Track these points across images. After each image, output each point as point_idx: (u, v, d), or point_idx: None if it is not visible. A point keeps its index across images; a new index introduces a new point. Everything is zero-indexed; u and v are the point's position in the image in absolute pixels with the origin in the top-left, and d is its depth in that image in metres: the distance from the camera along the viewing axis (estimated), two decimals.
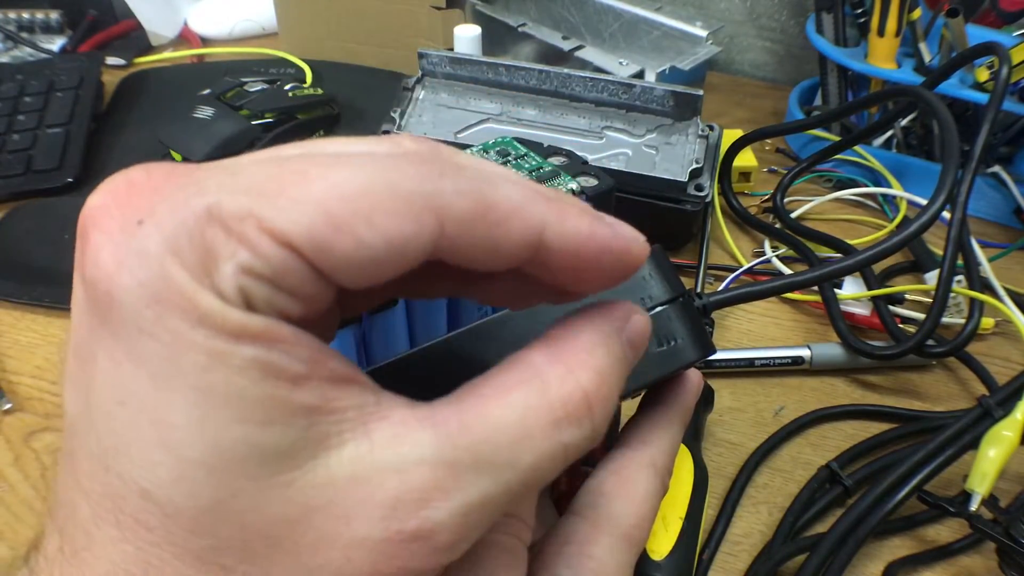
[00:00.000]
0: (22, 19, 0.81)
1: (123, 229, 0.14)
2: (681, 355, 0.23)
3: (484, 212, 0.15)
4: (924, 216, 0.32)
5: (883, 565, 0.35)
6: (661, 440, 0.24)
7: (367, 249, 0.14)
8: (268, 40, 0.82)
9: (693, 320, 0.24)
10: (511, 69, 0.55)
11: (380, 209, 0.14)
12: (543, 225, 0.16)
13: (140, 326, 0.13)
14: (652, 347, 0.23)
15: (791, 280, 0.28)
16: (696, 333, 0.24)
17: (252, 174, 0.14)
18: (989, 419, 0.36)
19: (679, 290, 0.24)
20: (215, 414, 0.13)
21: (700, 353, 0.23)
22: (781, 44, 0.78)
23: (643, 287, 0.23)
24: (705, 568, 0.35)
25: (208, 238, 0.13)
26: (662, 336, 0.23)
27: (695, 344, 0.23)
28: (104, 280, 0.14)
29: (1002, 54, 0.44)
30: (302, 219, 0.13)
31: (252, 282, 0.13)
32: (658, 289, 0.23)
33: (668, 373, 0.24)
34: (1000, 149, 0.58)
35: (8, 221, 0.55)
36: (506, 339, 0.22)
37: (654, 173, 0.50)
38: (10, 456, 0.40)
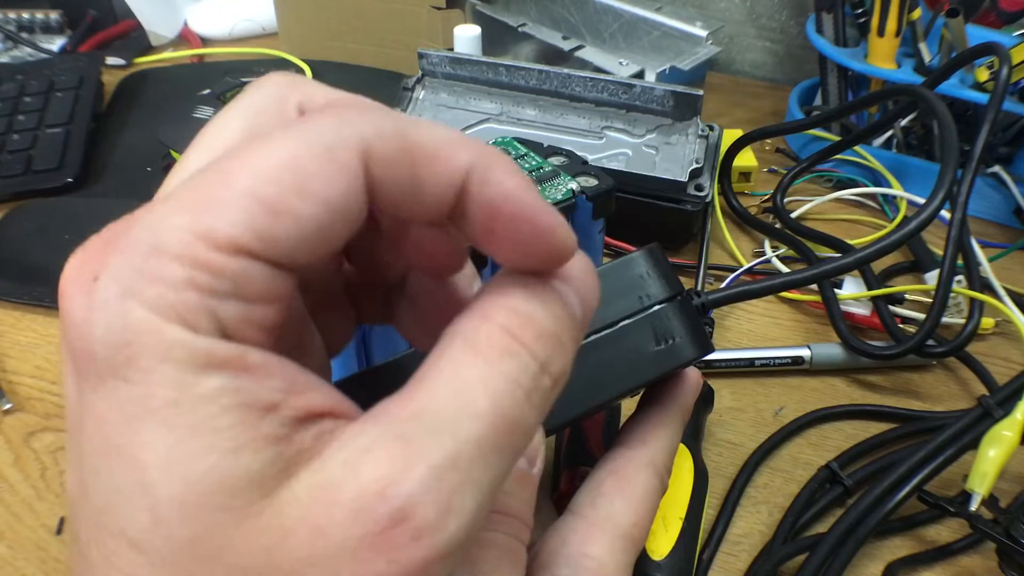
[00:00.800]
0: (22, 19, 0.81)
1: (84, 289, 0.14)
2: (679, 354, 0.23)
3: (408, 150, 0.14)
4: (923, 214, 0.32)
5: (883, 565, 0.35)
6: (660, 439, 0.24)
7: (311, 221, 0.13)
8: (268, 40, 0.82)
9: (691, 318, 0.24)
10: (511, 69, 0.55)
11: (308, 176, 0.13)
12: (469, 168, 0.15)
13: (114, 372, 0.13)
14: (650, 346, 0.23)
15: (789, 278, 0.28)
16: (695, 331, 0.23)
17: (180, 194, 0.14)
18: (989, 419, 0.36)
19: (677, 289, 0.24)
20: (183, 447, 0.13)
21: (699, 352, 0.23)
22: (781, 44, 0.78)
23: (641, 286, 0.23)
24: (705, 568, 0.35)
25: (160, 272, 0.13)
26: (660, 335, 0.23)
27: (693, 342, 0.23)
28: (78, 340, 0.14)
29: (1002, 54, 0.44)
30: (239, 217, 0.13)
31: (216, 302, 0.13)
32: (656, 288, 0.23)
33: (666, 372, 0.23)
34: (1000, 149, 0.58)
35: (8, 221, 0.55)
36: None
37: (654, 173, 0.50)
38: (10, 456, 0.40)
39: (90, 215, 0.55)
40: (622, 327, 0.23)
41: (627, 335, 0.23)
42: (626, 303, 0.23)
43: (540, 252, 0.16)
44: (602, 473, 0.23)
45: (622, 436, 0.25)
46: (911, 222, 0.33)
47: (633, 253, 0.24)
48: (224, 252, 0.13)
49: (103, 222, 0.38)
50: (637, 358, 0.23)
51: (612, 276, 0.23)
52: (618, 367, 0.23)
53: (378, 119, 0.15)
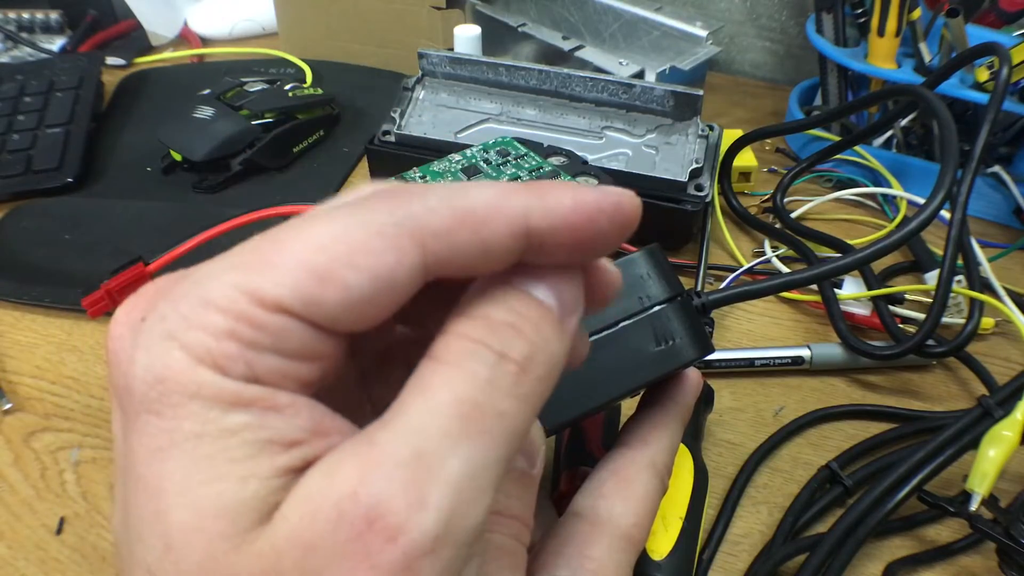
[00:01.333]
0: (22, 19, 0.81)
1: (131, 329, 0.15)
2: (680, 354, 0.23)
3: (462, 218, 0.15)
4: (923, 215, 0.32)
5: (883, 565, 0.35)
6: (661, 440, 0.24)
7: (356, 291, 0.14)
8: (268, 40, 0.82)
9: (692, 319, 0.24)
10: (511, 69, 0.55)
11: (358, 249, 0.14)
12: (526, 212, 0.15)
13: (148, 407, 0.14)
14: (650, 346, 0.23)
15: (789, 279, 0.28)
16: (695, 332, 0.23)
17: (234, 255, 0.15)
18: (989, 419, 0.36)
19: (677, 289, 0.24)
20: (198, 476, 0.13)
21: (699, 352, 0.23)
22: (781, 44, 0.78)
23: (641, 287, 0.23)
24: (705, 568, 0.35)
25: (203, 320, 0.14)
26: (660, 335, 0.23)
27: (694, 343, 0.23)
28: (120, 377, 0.15)
29: (1002, 54, 0.44)
30: (286, 280, 0.14)
31: (254, 353, 0.14)
32: (656, 288, 0.23)
33: (667, 372, 0.23)
34: (1000, 149, 0.58)
35: (8, 221, 0.55)
36: None
37: (654, 173, 0.50)
38: (10, 456, 0.40)
39: (90, 215, 0.55)
40: (622, 328, 0.23)
41: (627, 336, 0.23)
42: (626, 304, 0.23)
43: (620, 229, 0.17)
44: (603, 474, 0.23)
45: (623, 436, 0.25)
46: (911, 222, 0.32)
47: (633, 253, 0.24)
48: (267, 309, 0.14)
49: (103, 222, 0.39)
50: (637, 359, 0.23)
51: None
52: (618, 368, 0.23)
53: (427, 196, 0.15)
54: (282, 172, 0.62)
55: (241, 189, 0.60)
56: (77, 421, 0.42)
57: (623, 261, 0.24)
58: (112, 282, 0.37)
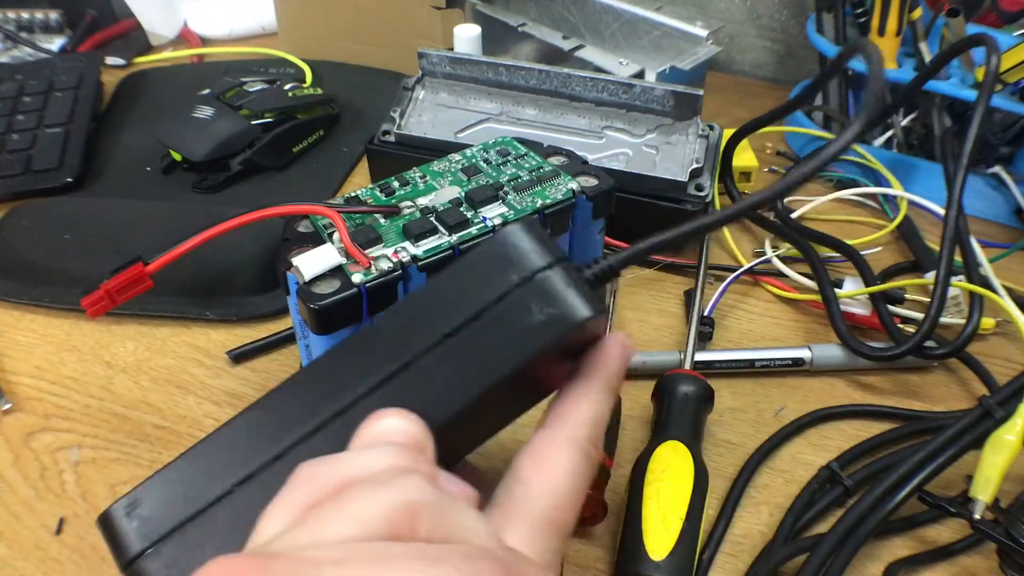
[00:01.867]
0: (22, 19, 0.81)
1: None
2: (565, 318, 0.22)
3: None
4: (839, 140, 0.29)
5: (883, 565, 0.35)
6: (580, 413, 0.23)
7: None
8: (268, 40, 0.82)
9: (574, 281, 0.23)
10: (511, 69, 0.55)
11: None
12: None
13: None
14: (533, 316, 0.22)
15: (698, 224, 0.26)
16: (580, 294, 0.23)
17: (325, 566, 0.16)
18: (990, 419, 0.36)
19: (555, 255, 0.23)
20: None
21: (588, 312, 0.23)
22: (781, 44, 0.78)
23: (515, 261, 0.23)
24: (705, 568, 0.35)
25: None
26: (542, 303, 0.22)
27: (581, 304, 0.23)
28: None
29: (990, 45, 0.44)
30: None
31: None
32: (532, 259, 0.23)
33: (558, 337, 0.23)
34: (1000, 149, 0.58)
35: (8, 221, 0.55)
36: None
37: (654, 173, 0.50)
38: (10, 456, 0.40)
39: (90, 215, 0.55)
40: (502, 304, 0.23)
41: (508, 311, 0.22)
42: (503, 279, 0.23)
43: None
44: (520, 458, 0.22)
45: (542, 417, 0.24)
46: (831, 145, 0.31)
47: (503, 229, 0.23)
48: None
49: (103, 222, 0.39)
50: (522, 331, 0.22)
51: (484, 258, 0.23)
52: (505, 344, 0.22)
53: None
54: (282, 172, 0.62)
55: (241, 189, 0.59)
56: (77, 421, 0.41)
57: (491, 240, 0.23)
58: (112, 282, 0.37)
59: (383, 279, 0.34)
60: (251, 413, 0.24)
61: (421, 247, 0.35)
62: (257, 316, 0.48)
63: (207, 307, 0.48)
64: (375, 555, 0.17)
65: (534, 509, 0.21)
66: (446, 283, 0.23)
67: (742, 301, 0.50)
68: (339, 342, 0.24)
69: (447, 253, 0.35)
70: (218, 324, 0.47)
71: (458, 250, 0.36)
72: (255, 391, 0.43)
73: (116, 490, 0.38)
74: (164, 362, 0.45)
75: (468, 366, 0.22)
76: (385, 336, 0.23)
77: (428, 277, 0.35)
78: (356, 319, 0.34)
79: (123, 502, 0.23)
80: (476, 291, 0.23)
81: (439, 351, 0.22)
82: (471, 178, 0.41)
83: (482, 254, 0.23)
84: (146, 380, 0.44)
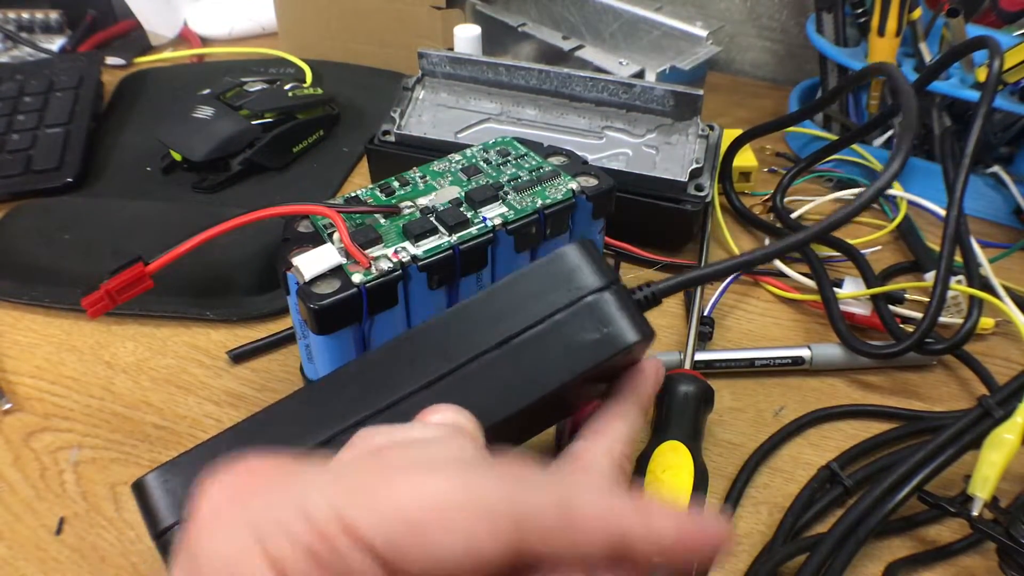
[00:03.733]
0: (22, 19, 0.81)
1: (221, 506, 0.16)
2: (616, 340, 0.23)
3: (566, 526, 0.16)
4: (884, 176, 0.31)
5: (883, 565, 0.35)
6: (617, 429, 0.24)
7: (444, 558, 0.15)
8: (268, 40, 0.82)
9: (626, 305, 0.24)
10: (511, 69, 0.55)
11: (461, 520, 0.15)
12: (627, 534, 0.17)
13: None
14: (586, 335, 0.23)
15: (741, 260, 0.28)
16: (632, 318, 0.24)
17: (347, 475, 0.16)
18: (989, 419, 0.36)
19: (610, 278, 0.24)
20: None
21: (637, 336, 0.24)
22: (781, 44, 0.78)
23: (573, 279, 0.24)
24: (705, 568, 0.35)
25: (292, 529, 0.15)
26: (595, 323, 0.23)
27: (632, 328, 0.23)
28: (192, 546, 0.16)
29: (993, 47, 0.44)
30: (383, 524, 0.15)
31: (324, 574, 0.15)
32: (588, 279, 0.24)
33: (607, 358, 0.23)
34: (1000, 149, 0.58)
35: (8, 221, 0.55)
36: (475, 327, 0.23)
37: (654, 173, 0.50)
38: (10, 456, 0.40)
39: (90, 215, 0.55)
40: (557, 319, 0.23)
41: (562, 327, 0.23)
42: (560, 296, 0.24)
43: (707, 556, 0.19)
44: (560, 461, 0.23)
45: (581, 429, 0.25)
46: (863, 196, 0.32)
47: (564, 247, 0.24)
48: (354, 543, 0.15)
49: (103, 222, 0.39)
50: (574, 348, 0.23)
51: (544, 271, 0.24)
52: (556, 358, 0.23)
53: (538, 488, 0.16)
54: (282, 172, 0.62)
55: (241, 189, 0.59)
56: (77, 421, 0.41)
57: (552, 256, 0.24)
58: (112, 282, 0.37)
59: (383, 279, 0.34)
60: (300, 396, 0.24)
61: (421, 247, 0.35)
62: (257, 316, 0.48)
63: (207, 307, 0.48)
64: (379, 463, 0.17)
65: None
66: (503, 293, 0.24)
67: (742, 301, 0.50)
68: (394, 337, 0.24)
69: (447, 253, 0.35)
70: (218, 324, 0.47)
71: (458, 250, 0.36)
72: (255, 391, 0.43)
73: (116, 490, 0.38)
74: (164, 362, 0.45)
75: (518, 376, 0.23)
76: (440, 336, 0.24)
77: (428, 278, 0.35)
78: (356, 319, 0.34)
79: (159, 472, 0.23)
80: (532, 304, 0.24)
81: (492, 357, 0.23)
82: (471, 178, 0.41)
83: (540, 269, 0.24)
84: (146, 380, 0.44)
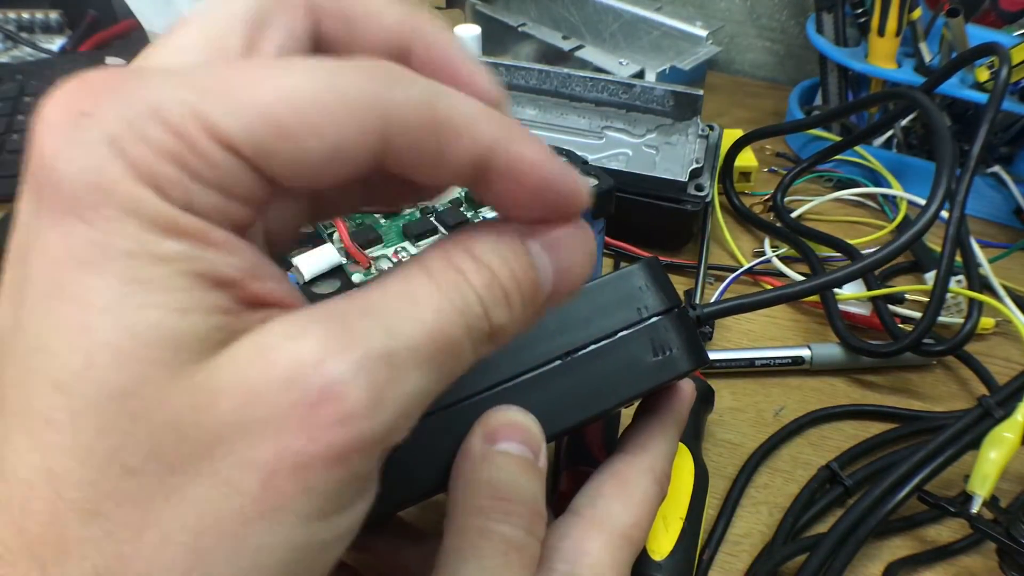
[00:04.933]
0: (22, 19, 0.81)
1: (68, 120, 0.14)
2: (676, 365, 0.24)
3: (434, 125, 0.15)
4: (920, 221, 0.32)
5: (883, 565, 0.35)
6: (659, 447, 0.25)
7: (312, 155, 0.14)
8: None
9: (688, 331, 0.24)
10: (511, 69, 0.55)
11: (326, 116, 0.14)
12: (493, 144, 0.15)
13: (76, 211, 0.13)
14: (648, 357, 0.24)
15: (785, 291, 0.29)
16: (691, 343, 0.24)
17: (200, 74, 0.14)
18: (989, 419, 0.36)
19: (674, 301, 0.24)
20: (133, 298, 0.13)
21: (694, 364, 0.24)
22: (781, 44, 0.78)
23: (639, 297, 0.24)
24: (705, 568, 0.35)
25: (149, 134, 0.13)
26: (657, 346, 0.24)
27: (689, 354, 0.24)
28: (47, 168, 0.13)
29: (1002, 54, 0.44)
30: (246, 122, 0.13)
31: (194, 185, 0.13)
32: (654, 300, 0.24)
33: (663, 383, 0.24)
34: (1000, 149, 0.58)
35: (8, 221, 0.55)
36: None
37: (654, 173, 0.50)
38: None
39: None
40: (620, 338, 0.23)
41: (625, 346, 0.24)
42: (625, 314, 0.24)
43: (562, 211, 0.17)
44: (602, 476, 0.24)
45: (622, 443, 0.25)
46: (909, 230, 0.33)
47: (631, 266, 0.24)
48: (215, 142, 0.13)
49: None
50: (635, 369, 0.23)
51: (611, 287, 0.24)
52: (616, 377, 0.23)
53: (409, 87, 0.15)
54: None
55: None
56: None
57: (622, 272, 0.24)
58: None
59: None
60: None
61: (421, 247, 0.35)
62: None
63: None
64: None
65: (616, 524, 0.22)
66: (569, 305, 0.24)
67: None
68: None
69: None
70: None
71: None
72: None
73: None
74: None
75: (577, 391, 0.23)
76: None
77: None
78: None
79: None
80: (596, 319, 0.24)
81: (555, 369, 0.23)
82: None
83: (607, 284, 0.24)
84: None
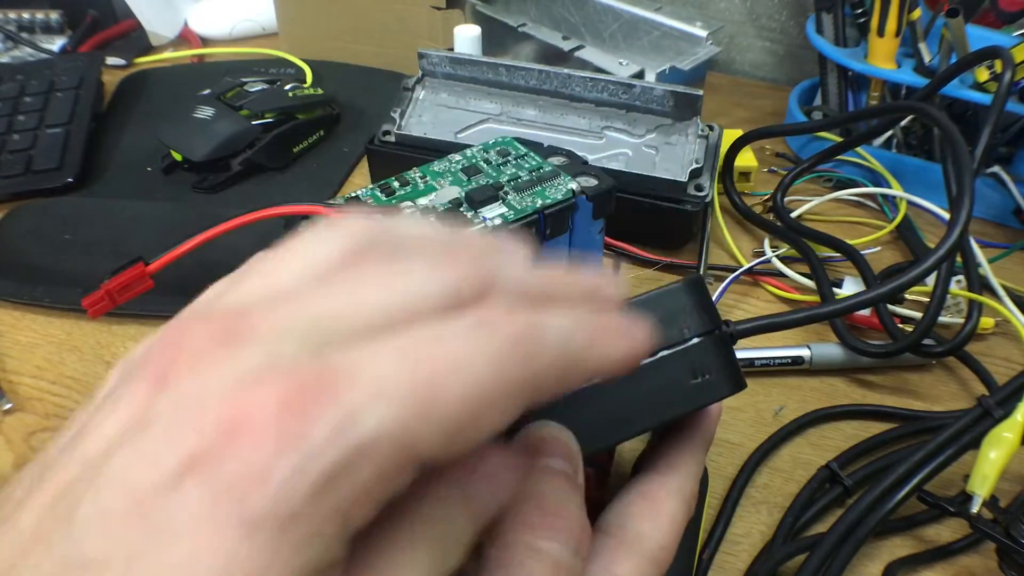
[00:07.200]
0: (22, 19, 0.81)
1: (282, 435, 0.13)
2: (714, 390, 0.23)
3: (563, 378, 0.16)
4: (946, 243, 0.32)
5: (883, 565, 0.35)
6: (688, 467, 0.25)
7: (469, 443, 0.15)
8: (268, 40, 0.82)
9: (727, 355, 0.24)
10: (511, 69, 0.55)
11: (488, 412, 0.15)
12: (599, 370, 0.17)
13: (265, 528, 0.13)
14: (687, 379, 0.23)
15: (815, 312, 0.28)
16: (730, 369, 0.24)
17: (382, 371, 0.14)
18: (989, 419, 0.36)
19: (716, 323, 0.24)
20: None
21: (732, 389, 0.24)
22: (781, 44, 0.78)
23: (682, 317, 0.24)
24: (705, 568, 0.35)
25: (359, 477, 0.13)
26: (697, 368, 0.23)
27: (728, 380, 0.24)
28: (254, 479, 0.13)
29: (1006, 58, 0.44)
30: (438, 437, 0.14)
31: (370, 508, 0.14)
32: (696, 320, 0.24)
33: (700, 407, 0.24)
34: (1000, 149, 0.58)
35: (8, 221, 0.55)
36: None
37: (654, 173, 0.50)
38: (10, 456, 0.40)
39: (90, 215, 0.55)
40: (662, 357, 0.23)
41: (666, 366, 0.23)
42: (668, 333, 0.23)
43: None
44: (631, 495, 0.23)
45: (652, 462, 0.25)
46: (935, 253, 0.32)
47: (676, 283, 0.24)
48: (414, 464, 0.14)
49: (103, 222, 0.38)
50: (674, 390, 0.23)
51: (656, 304, 0.24)
52: (654, 398, 0.23)
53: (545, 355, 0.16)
54: (282, 172, 0.62)
55: (241, 189, 0.60)
56: None
57: (667, 290, 0.24)
58: (112, 282, 0.37)
59: None
60: None
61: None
62: None
63: None
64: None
65: (646, 545, 0.22)
66: None
67: (742, 301, 0.50)
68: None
69: None
70: None
71: None
72: None
73: None
74: None
75: (615, 411, 0.23)
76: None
77: None
78: None
79: None
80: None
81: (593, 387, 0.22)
82: (471, 178, 0.41)
83: (651, 302, 0.24)
84: None
